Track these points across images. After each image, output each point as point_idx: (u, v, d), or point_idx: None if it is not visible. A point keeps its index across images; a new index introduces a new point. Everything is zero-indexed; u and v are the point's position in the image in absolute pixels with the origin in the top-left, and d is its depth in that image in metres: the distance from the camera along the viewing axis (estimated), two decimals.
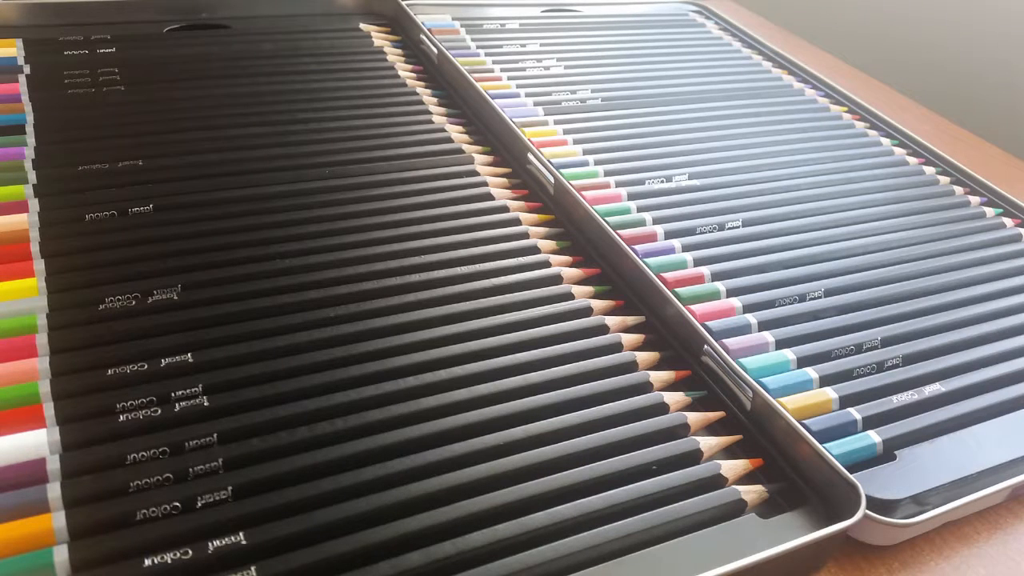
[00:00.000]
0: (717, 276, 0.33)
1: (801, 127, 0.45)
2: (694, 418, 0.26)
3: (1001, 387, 0.30)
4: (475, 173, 0.37)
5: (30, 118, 0.35)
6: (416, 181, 0.35)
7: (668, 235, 0.35)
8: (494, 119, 0.40)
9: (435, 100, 0.42)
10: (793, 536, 0.23)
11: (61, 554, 0.19)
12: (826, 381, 0.29)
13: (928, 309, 0.33)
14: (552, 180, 0.36)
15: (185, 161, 0.34)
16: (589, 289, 0.31)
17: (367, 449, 0.23)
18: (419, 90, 0.42)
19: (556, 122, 0.42)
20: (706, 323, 0.30)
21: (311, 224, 0.32)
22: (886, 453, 0.27)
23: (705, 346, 0.29)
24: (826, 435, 0.26)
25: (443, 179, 0.36)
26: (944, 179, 0.43)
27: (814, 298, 0.33)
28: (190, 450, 0.23)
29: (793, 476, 0.25)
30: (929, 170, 0.44)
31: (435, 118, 0.40)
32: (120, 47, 0.41)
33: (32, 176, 0.31)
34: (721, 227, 0.36)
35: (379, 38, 0.47)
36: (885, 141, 0.46)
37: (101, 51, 0.40)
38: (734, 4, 0.66)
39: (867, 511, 0.23)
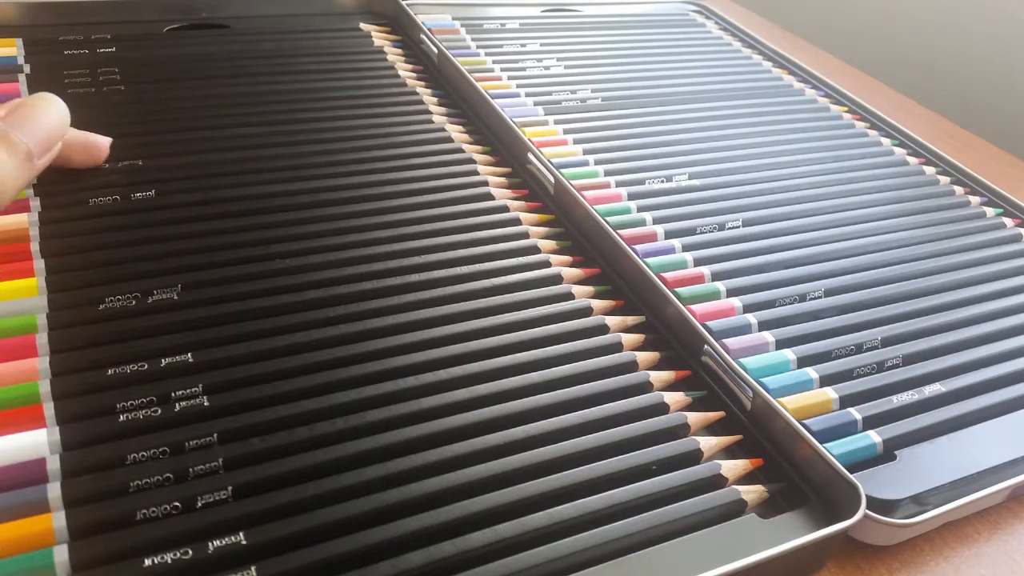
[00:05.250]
0: (717, 276, 0.33)
1: (801, 127, 0.45)
2: (694, 418, 0.26)
3: (1001, 387, 0.30)
4: (475, 173, 0.37)
5: None
6: (416, 181, 0.35)
7: (668, 235, 0.35)
8: (494, 119, 0.40)
9: (435, 100, 0.42)
10: (793, 536, 0.23)
11: (61, 554, 0.19)
12: (826, 381, 0.29)
13: (928, 309, 0.33)
14: (552, 180, 0.36)
15: (185, 161, 0.34)
16: (589, 289, 0.31)
17: (367, 449, 0.23)
18: (419, 90, 0.42)
19: (556, 122, 0.42)
20: (706, 323, 0.30)
21: (311, 224, 0.32)
22: (886, 453, 0.27)
23: (705, 346, 0.29)
24: (826, 435, 0.26)
25: (443, 179, 0.36)
26: (944, 179, 0.43)
27: (814, 298, 0.33)
28: (190, 450, 0.23)
29: (793, 476, 0.25)
30: (929, 170, 0.44)
31: (435, 118, 0.40)
32: (120, 47, 0.41)
33: None
34: (721, 227, 0.36)
35: (379, 38, 0.47)
36: (885, 141, 0.46)
37: (101, 51, 0.40)
38: (734, 4, 0.66)
39: (867, 511, 0.23)
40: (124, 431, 0.23)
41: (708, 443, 0.26)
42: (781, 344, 0.30)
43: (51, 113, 0.27)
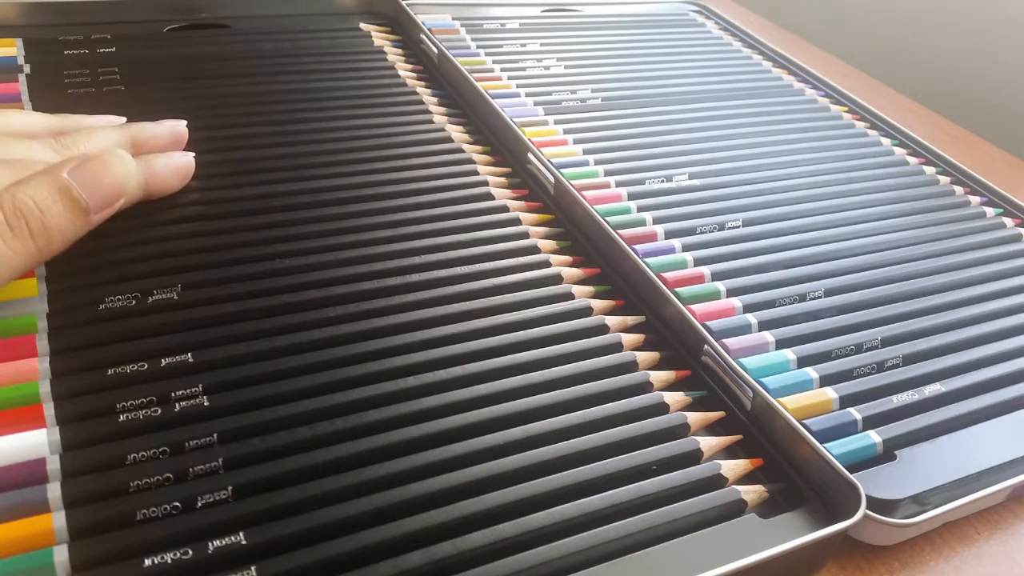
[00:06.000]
0: (717, 276, 0.33)
1: (801, 127, 0.45)
2: (694, 418, 0.26)
3: (1001, 387, 0.30)
4: (475, 173, 0.37)
5: None
6: (416, 181, 0.35)
7: (668, 235, 0.35)
8: (494, 119, 0.40)
9: (435, 100, 0.42)
10: (793, 536, 0.23)
11: (61, 554, 0.19)
12: (826, 381, 0.29)
13: (928, 309, 0.33)
14: (552, 180, 0.36)
15: None
16: (589, 289, 0.31)
17: (367, 449, 0.23)
18: (419, 90, 0.42)
19: (556, 122, 0.42)
20: (706, 323, 0.30)
21: (311, 224, 0.32)
22: (886, 453, 0.27)
23: (705, 346, 0.29)
24: (826, 435, 0.26)
25: (443, 179, 0.36)
26: (944, 179, 0.43)
27: (814, 298, 0.33)
28: (190, 450, 0.23)
29: (793, 476, 0.25)
30: (929, 170, 0.44)
31: (435, 118, 0.40)
32: (120, 47, 0.41)
33: None
34: (721, 227, 0.36)
35: (379, 38, 0.47)
36: (885, 141, 0.46)
37: (101, 51, 0.40)
38: (734, 4, 0.66)
39: (867, 511, 0.23)
40: (124, 431, 0.23)
41: (708, 443, 0.26)
42: (781, 344, 0.30)
43: (118, 172, 0.27)
